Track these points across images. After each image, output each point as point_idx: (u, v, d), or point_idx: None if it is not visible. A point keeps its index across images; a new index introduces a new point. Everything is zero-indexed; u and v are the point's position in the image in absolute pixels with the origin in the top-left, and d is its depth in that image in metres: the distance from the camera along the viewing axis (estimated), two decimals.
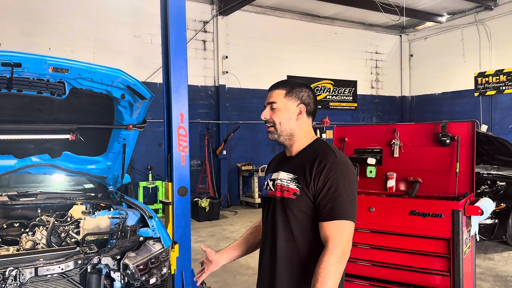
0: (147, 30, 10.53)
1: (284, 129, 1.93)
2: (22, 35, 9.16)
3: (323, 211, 1.78)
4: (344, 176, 1.81)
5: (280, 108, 1.94)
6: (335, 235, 1.74)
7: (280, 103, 1.94)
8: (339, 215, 1.76)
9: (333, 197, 1.77)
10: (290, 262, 1.87)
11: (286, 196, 1.87)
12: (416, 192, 3.84)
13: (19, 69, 2.88)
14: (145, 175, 10.30)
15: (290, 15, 12.81)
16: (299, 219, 1.85)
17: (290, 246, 1.87)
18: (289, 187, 1.87)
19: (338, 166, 1.82)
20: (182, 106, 5.23)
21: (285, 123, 1.93)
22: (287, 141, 1.96)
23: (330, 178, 1.79)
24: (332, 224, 1.76)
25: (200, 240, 7.83)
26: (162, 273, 3.12)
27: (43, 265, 2.67)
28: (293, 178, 1.88)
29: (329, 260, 1.70)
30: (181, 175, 5.23)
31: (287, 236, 1.88)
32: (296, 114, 1.94)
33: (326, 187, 1.78)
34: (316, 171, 1.81)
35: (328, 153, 1.86)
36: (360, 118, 14.49)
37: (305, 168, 1.84)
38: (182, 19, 5.22)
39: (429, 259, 3.48)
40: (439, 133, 3.84)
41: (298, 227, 1.86)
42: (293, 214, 1.85)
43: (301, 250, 1.86)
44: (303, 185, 1.83)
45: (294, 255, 1.87)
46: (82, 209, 3.64)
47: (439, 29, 13.92)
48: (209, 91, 11.69)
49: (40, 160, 3.80)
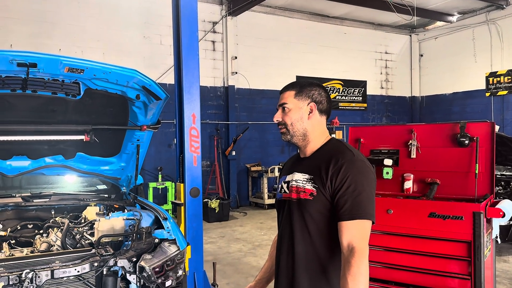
0: (157, 31, 10.53)
1: (296, 129, 1.90)
2: (33, 37, 9.20)
3: (341, 210, 1.73)
4: (362, 174, 1.77)
5: (291, 108, 1.91)
6: (358, 236, 1.70)
7: (291, 104, 1.91)
8: (359, 215, 1.71)
9: (352, 196, 1.72)
10: (309, 265, 1.83)
11: (302, 197, 1.83)
12: (434, 193, 3.77)
13: (35, 70, 2.86)
14: (155, 175, 10.30)
15: (299, 15, 12.76)
16: (317, 220, 1.81)
17: (309, 248, 1.83)
18: (305, 187, 1.83)
19: (356, 164, 1.78)
20: (194, 106, 5.21)
21: (296, 123, 1.90)
22: (301, 141, 1.93)
23: (348, 177, 1.74)
24: (352, 223, 1.71)
25: (210, 241, 7.81)
26: (178, 275, 3.07)
27: (59, 268, 2.64)
28: (309, 178, 1.83)
29: (357, 262, 1.65)
30: (193, 176, 5.20)
31: (305, 238, 1.83)
32: (307, 113, 1.90)
33: (345, 186, 1.74)
34: (333, 170, 1.77)
35: (345, 152, 1.82)
36: (370, 118, 14.39)
37: (321, 168, 1.80)
38: (194, 19, 5.20)
39: (448, 262, 3.42)
40: (457, 134, 3.77)
41: (315, 229, 1.81)
42: (310, 215, 1.81)
43: (319, 252, 1.82)
44: (319, 185, 1.79)
45: (313, 258, 1.82)
46: (96, 211, 3.60)
47: (450, 29, 13.79)
48: (218, 91, 11.67)
49: (54, 161, 3.78)
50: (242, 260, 6.58)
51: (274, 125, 12.17)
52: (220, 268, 5.89)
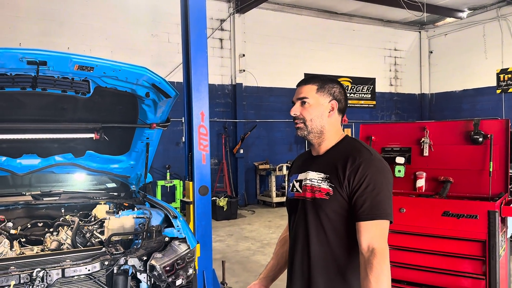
0: (164, 29, 10.53)
1: (315, 126, 1.85)
2: (41, 35, 9.24)
3: (360, 210, 1.69)
4: (380, 173, 1.73)
5: (312, 104, 1.85)
6: (378, 236, 1.67)
7: (312, 99, 1.85)
8: (379, 215, 1.68)
9: (371, 196, 1.68)
10: (325, 265, 1.79)
11: (318, 197, 1.78)
12: (447, 192, 3.71)
13: (44, 68, 2.84)
14: (163, 174, 10.31)
15: (308, 12, 12.69)
16: (333, 220, 1.76)
17: (325, 249, 1.79)
18: (321, 187, 1.78)
19: (374, 163, 1.74)
20: (202, 104, 5.18)
21: (316, 119, 1.84)
22: (316, 139, 1.87)
23: (366, 176, 1.70)
24: (372, 224, 1.67)
25: (219, 240, 7.80)
26: (188, 274, 3.06)
27: (70, 266, 2.63)
28: (324, 177, 1.79)
29: (379, 263, 1.62)
30: (202, 174, 5.18)
31: (321, 239, 1.79)
32: (328, 111, 1.86)
33: (363, 185, 1.70)
34: (350, 169, 1.72)
35: (362, 150, 1.78)
36: (379, 116, 14.29)
37: (337, 167, 1.76)
38: (202, 17, 5.17)
39: (461, 261, 3.36)
40: (471, 131, 3.70)
41: (331, 229, 1.77)
42: (326, 215, 1.77)
43: (336, 253, 1.77)
44: (336, 184, 1.75)
45: (329, 258, 1.78)
46: (106, 209, 3.60)
47: (460, 25, 13.63)
48: (226, 89, 11.65)
49: (64, 160, 3.77)
50: (250, 259, 6.56)
51: (282, 123, 12.24)
52: (229, 267, 5.87)
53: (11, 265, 2.57)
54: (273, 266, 2.14)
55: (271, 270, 2.14)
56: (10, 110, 3.29)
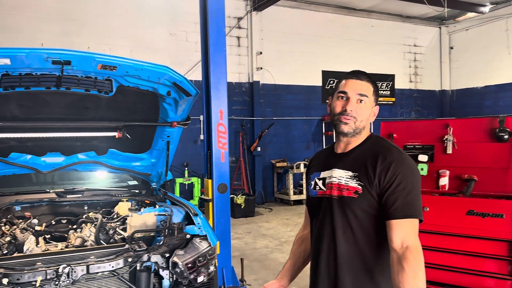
0: (183, 27, 10.59)
1: (361, 126, 1.83)
2: (62, 35, 9.39)
3: (391, 208, 1.67)
4: (412, 172, 1.73)
5: (367, 105, 1.82)
6: (411, 234, 1.65)
7: (369, 101, 1.83)
8: (411, 214, 1.66)
9: (402, 194, 1.67)
10: (353, 265, 1.76)
11: (346, 195, 1.76)
12: (471, 190, 3.64)
13: (68, 67, 2.89)
14: (181, 171, 10.39)
15: (325, 8, 12.59)
16: (361, 219, 1.74)
17: (352, 248, 1.76)
18: (349, 185, 1.76)
19: (404, 162, 1.73)
20: (221, 102, 5.21)
21: (365, 121, 1.83)
22: (353, 137, 1.85)
23: (398, 174, 1.69)
24: (404, 222, 1.65)
25: (237, 237, 7.82)
26: (209, 271, 3.07)
27: (95, 263, 2.67)
28: (352, 175, 1.76)
29: (416, 258, 1.60)
30: (221, 172, 5.21)
31: (348, 237, 1.77)
32: (371, 115, 1.86)
33: (395, 183, 1.68)
34: (381, 167, 1.71)
35: (391, 149, 1.77)
36: (398, 113, 14.11)
37: (367, 165, 1.74)
38: (221, 16, 5.19)
39: (485, 261, 3.30)
40: (496, 128, 3.62)
41: (359, 227, 1.75)
42: (353, 213, 1.75)
43: (364, 252, 1.75)
44: (365, 182, 1.73)
45: (357, 258, 1.76)
46: (128, 206, 3.64)
47: (481, 20, 13.34)
48: (243, 87, 11.66)
49: (87, 157, 3.83)
50: (269, 256, 6.57)
51: (299, 120, 12.20)
52: (248, 264, 5.88)
53: (37, 261, 2.63)
54: (290, 266, 2.12)
55: (289, 269, 2.11)
56: (35, 109, 3.35)
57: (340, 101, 1.83)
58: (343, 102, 1.82)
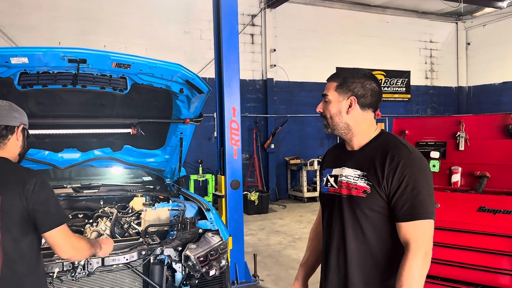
0: (197, 25, 10.67)
1: (336, 123, 1.83)
2: (79, 34, 9.57)
3: (400, 211, 1.67)
4: (421, 171, 1.69)
5: (331, 101, 1.84)
6: (417, 236, 1.64)
7: (331, 96, 1.84)
8: (420, 215, 1.65)
9: (411, 196, 1.65)
10: (363, 264, 1.77)
11: (354, 194, 1.76)
12: (484, 187, 3.62)
13: (84, 65, 2.97)
14: (196, 168, 10.50)
15: (340, 5, 12.53)
16: (371, 218, 1.74)
17: (362, 246, 1.77)
18: (357, 184, 1.76)
19: (414, 162, 1.70)
20: (234, 100, 5.27)
21: (335, 117, 1.83)
22: (345, 134, 1.86)
23: (406, 175, 1.67)
24: (413, 224, 1.65)
25: (250, 233, 7.88)
26: (221, 265, 3.13)
27: (109, 255, 2.75)
28: (361, 175, 1.76)
29: (414, 263, 1.61)
30: (234, 168, 5.28)
31: (358, 236, 1.77)
32: (347, 107, 1.81)
33: (403, 185, 1.66)
34: (389, 168, 1.69)
35: (401, 148, 1.74)
36: (414, 110, 13.97)
37: (376, 165, 1.73)
38: (234, 14, 5.24)
39: (497, 258, 3.27)
40: (509, 125, 3.58)
41: (370, 227, 1.75)
42: (363, 213, 1.75)
43: (374, 251, 1.75)
44: (374, 182, 1.72)
45: (367, 256, 1.77)
46: (143, 201, 3.73)
47: (499, 15, 13.09)
48: (257, 85, 11.69)
49: (102, 154, 3.93)
50: (282, 253, 6.61)
51: (313, 118, 12.16)
52: (261, 260, 5.94)
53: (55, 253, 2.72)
54: (309, 259, 2.14)
55: (307, 265, 2.14)
56: (52, 107, 3.46)
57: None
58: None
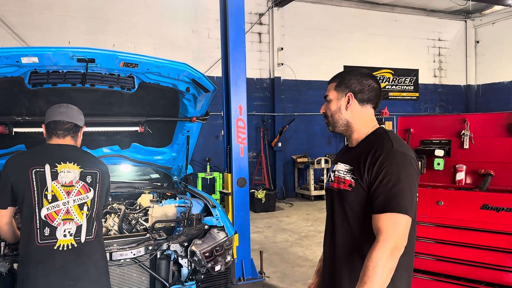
0: (205, 25, 10.74)
1: (336, 120, 1.92)
2: (88, 33, 9.68)
3: (375, 203, 1.71)
4: (399, 166, 1.71)
5: (331, 99, 1.94)
6: (386, 229, 1.65)
7: (331, 95, 1.94)
8: (392, 208, 1.66)
9: (386, 189, 1.69)
10: (348, 254, 1.83)
11: (342, 188, 1.84)
12: (488, 185, 3.63)
13: (93, 65, 3.04)
14: (203, 166, 10.58)
15: (347, 3, 12.52)
16: (356, 211, 1.80)
17: (348, 238, 1.83)
18: (345, 178, 1.83)
19: (394, 156, 1.73)
20: (240, 98, 5.33)
21: (335, 114, 1.92)
22: (345, 132, 1.94)
23: (383, 168, 1.70)
24: (384, 216, 1.67)
25: (257, 231, 7.94)
26: (226, 261, 3.19)
27: (117, 250, 2.82)
28: (349, 169, 1.83)
29: (378, 254, 1.62)
30: (240, 166, 5.34)
31: (345, 228, 1.84)
32: (345, 104, 1.90)
33: (379, 177, 1.71)
34: (370, 162, 1.75)
35: (385, 143, 1.78)
36: (422, 108, 13.91)
37: (360, 159, 1.79)
38: (241, 13, 5.29)
39: (501, 255, 3.29)
40: None
41: (355, 220, 1.81)
42: (349, 206, 1.82)
43: (359, 243, 1.81)
44: (357, 176, 1.78)
45: (352, 248, 1.82)
46: (150, 198, 3.80)
47: (509, 13, 12.99)
48: (264, 83, 11.73)
49: (111, 151, 4.00)
50: (288, 250, 6.65)
51: (320, 116, 12.04)
52: (267, 257, 5.99)
53: None
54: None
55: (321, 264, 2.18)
56: None
57: None
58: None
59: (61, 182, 2.33)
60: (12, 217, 2.40)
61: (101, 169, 2.50)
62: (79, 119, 2.55)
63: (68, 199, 2.33)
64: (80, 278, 2.26)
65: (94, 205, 2.42)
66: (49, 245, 2.25)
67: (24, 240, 2.28)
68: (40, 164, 2.32)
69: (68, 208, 2.32)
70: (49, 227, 2.26)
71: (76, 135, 2.53)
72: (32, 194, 2.27)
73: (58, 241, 2.26)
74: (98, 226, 2.43)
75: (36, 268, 2.20)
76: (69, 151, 2.44)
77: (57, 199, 2.31)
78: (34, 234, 2.24)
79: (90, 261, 2.32)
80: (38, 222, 2.25)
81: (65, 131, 2.46)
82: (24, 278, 2.23)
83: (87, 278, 2.28)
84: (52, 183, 2.31)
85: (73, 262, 2.26)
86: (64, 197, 2.33)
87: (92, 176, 2.44)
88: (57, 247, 2.25)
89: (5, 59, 2.74)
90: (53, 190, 2.31)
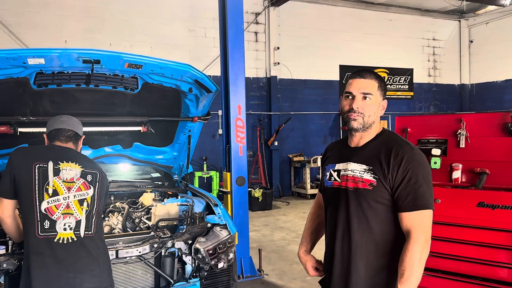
0: (201, 24, 10.77)
1: (370, 121, 1.96)
2: (85, 32, 9.68)
3: (403, 202, 1.83)
4: (421, 166, 1.86)
5: (373, 101, 1.95)
6: (418, 225, 1.81)
7: (374, 97, 1.95)
8: (421, 205, 1.81)
9: (413, 188, 1.82)
10: (366, 251, 1.91)
11: (361, 187, 1.90)
12: (483, 183, 3.72)
13: (98, 66, 3.08)
14: (200, 165, 10.61)
15: (343, 3, 12.59)
16: (376, 209, 1.89)
17: (366, 236, 1.91)
18: (364, 177, 1.90)
19: (416, 157, 1.86)
20: (239, 98, 5.38)
21: (373, 116, 1.96)
22: (364, 132, 1.98)
23: (409, 169, 1.83)
24: (414, 214, 1.82)
25: (255, 229, 8.00)
26: (229, 258, 3.25)
27: (123, 248, 2.88)
28: (367, 169, 1.90)
29: (415, 249, 1.77)
30: (239, 165, 5.40)
31: (362, 226, 1.91)
32: (380, 109, 1.98)
33: (406, 178, 1.83)
34: (394, 163, 1.85)
35: (403, 145, 1.90)
36: (417, 107, 14.04)
37: (381, 159, 1.88)
38: (239, 12, 5.34)
39: (496, 251, 3.38)
40: (508, 123, 3.69)
41: (374, 217, 1.90)
42: (368, 204, 1.89)
43: (377, 240, 1.90)
44: (380, 176, 1.87)
45: (370, 245, 1.91)
46: (152, 197, 3.85)
47: (502, 13, 13.13)
48: (261, 82, 11.79)
49: (113, 151, 4.05)
50: (286, 248, 6.73)
51: (316, 115, 12.27)
52: (265, 255, 6.06)
53: None
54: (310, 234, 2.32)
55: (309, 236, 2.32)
56: (65, 105, 3.56)
57: (347, 100, 1.98)
58: (350, 101, 1.97)
59: (63, 178, 2.41)
60: (14, 211, 2.44)
61: (100, 171, 2.60)
62: (79, 129, 2.68)
63: (68, 194, 2.40)
64: (81, 272, 2.30)
65: (94, 202, 2.49)
66: (49, 237, 2.30)
67: (25, 233, 2.34)
68: (44, 161, 2.41)
69: (68, 203, 2.39)
70: (49, 220, 2.32)
71: (77, 143, 2.65)
72: (33, 187, 2.33)
73: (58, 234, 2.31)
74: (98, 223, 2.49)
75: (36, 260, 2.25)
76: (72, 153, 2.55)
77: (58, 193, 2.38)
78: (34, 226, 2.29)
79: (90, 256, 2.37)
80: (39, 215, 2.30)
81: (67, 137, 2.58)
82: (25, 270, 2.28)
83: (88, 272, 2.33)
84: (54, 178, 2.39)
85: (74, 256, 2.31)
86: (64, 192, 2.40)
87: (93, 176, 2.52)
88: (57, 240, 2.30)
89: (12, 60, 2.78)
90: (54, 185, 2.38)
